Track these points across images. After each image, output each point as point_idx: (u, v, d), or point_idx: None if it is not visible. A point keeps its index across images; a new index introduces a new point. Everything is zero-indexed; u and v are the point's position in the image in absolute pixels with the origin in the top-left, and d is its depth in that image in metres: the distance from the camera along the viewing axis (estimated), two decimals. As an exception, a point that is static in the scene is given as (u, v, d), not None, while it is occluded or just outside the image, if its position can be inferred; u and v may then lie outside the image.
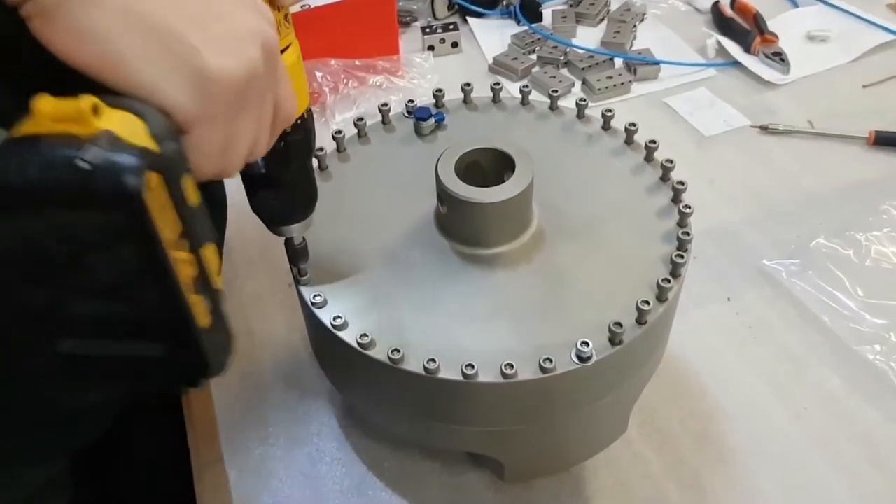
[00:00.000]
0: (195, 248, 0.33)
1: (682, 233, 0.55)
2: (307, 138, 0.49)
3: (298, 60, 0.45)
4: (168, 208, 0.31)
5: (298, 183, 0.51)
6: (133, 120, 0.31)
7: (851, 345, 0.71)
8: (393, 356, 0.49)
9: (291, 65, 0.43)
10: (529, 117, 0.67)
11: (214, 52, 0.34)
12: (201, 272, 0.34)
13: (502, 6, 1.21)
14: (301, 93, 0.45)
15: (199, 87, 0.34)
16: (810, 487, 0.62)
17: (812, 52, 1.09)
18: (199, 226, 0.34)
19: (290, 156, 0.48)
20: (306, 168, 0.51)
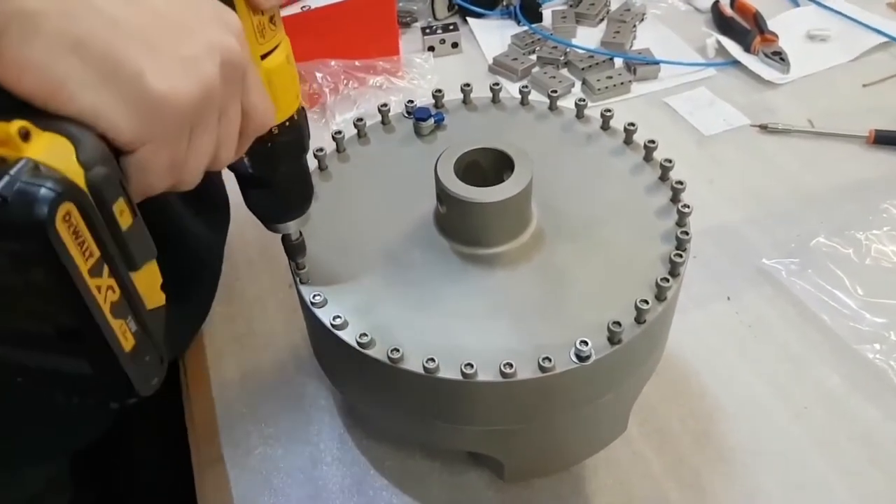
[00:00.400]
0: (119, 272, 0.33)
1: (681, 232, 0.55)
2: (297, 139, 0.48)
3: (286, 62, 0.44)
4: (87, 237, 0.31)
5: (290, 183, 0.50)
6: (63, 144, 0.31)
7: (851, 344, 0.71)
8: (392, 356, 0.49)
9: (276, 68, 0.43)
10: (529, 117, 0.67)
11: (161, 75, 0.33)
12: (125, 296, 0.34)
13: (502, 6, 1.21)
14: (288, 95, 0.45)
15: (143, 111, 0.33)
16: (810, 486, 0.62)
17: (812, 52, 1.09)
18: (129, 249, 0.34)
19: (278, 158, 0.47)
20: (298, 168, 0.50)
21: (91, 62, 0.32)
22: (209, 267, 0.76)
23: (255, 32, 0.41)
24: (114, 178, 0.33)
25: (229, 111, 0.38)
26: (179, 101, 0.34)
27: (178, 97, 0.34)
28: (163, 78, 0.33)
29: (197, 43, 0.35)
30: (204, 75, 0.35)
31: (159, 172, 0.36)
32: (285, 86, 0.44)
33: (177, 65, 0.34)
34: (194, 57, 0.35)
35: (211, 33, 0.36)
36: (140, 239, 0.35)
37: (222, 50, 0.36)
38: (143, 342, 0.36)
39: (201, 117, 0.36)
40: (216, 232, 0.75)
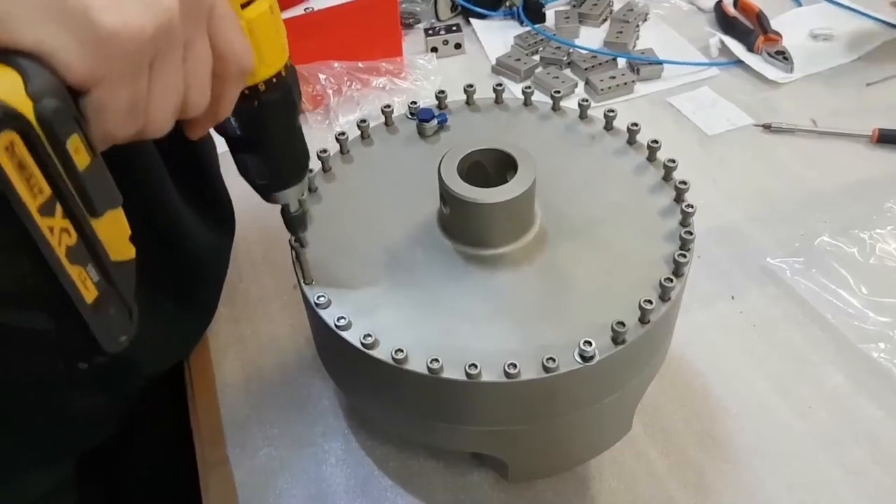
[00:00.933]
0: (75, 215, 0.32)
1: (684, 232, 0.55)
2: (285, 96, 0.45)
3: (268, 12, 0.42)
4: (34, 171, 0.30)
5: (282, 145, 0.48)
6: (10, 76, 0.30)
7: (856, 343, 0.71)
8: (396, 356, 0.49)
9: (258, 17, 0.41)
10: (532, 118, 0.67)
11: (111, 8, 0.32)
12: (84, 241, 0.32)
13: (505, 7, 1.21)
14: (273, 48, 0.43)
15: (93, 46, 0.32)
16: (815, 486, 0.62)
17: (815, 51, 1.09)
18: (87, 192, 0.32)
19: (266, 116, 0.45)
20: (291, 129, 0.48)
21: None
22: (214, 270, 0.76)
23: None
24: (66, 112, 0.31)
25: (195, 48, 0.37)
26: (132, 35, 0.33)
27: (130, 30, 0.32)
28: (113, 11, 0.32)
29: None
30: (160, 8, 0.33)
31: (119, 114, 0.34)
32: (269, 37, 0.42)
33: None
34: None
35: None
36: (101, 183, 0.33)
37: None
38: (107, 293, 0.34)
39: (161, 52, 0.35)
40: (221, 235, 0.76)
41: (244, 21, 0.40)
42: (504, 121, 0.67)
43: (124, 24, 0.32)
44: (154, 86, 0.35)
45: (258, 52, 0.41)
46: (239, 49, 0.39)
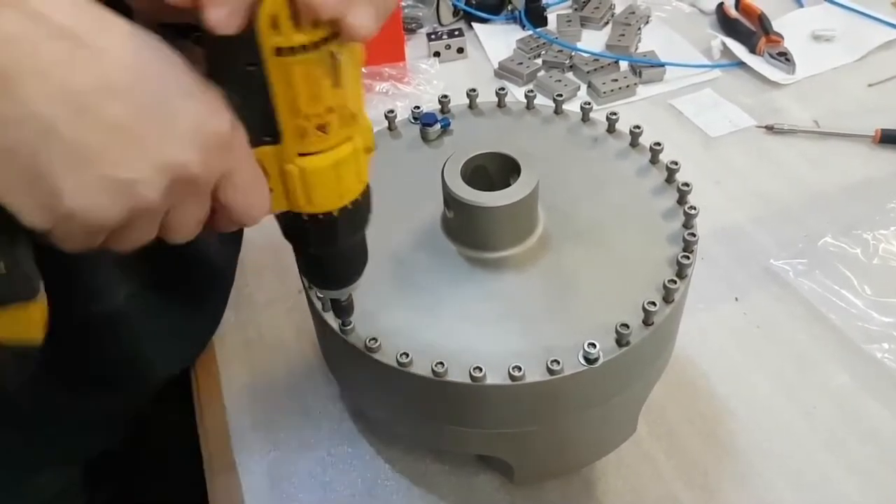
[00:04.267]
0: None
1: (687, 234, 0.55)
2: (333, 231, 0.43)
3: (329, 169, 0.39)
4: None
5: (329, 259, 0.46)
6: None
7: (860, 343, 0.71)
8: (401, 360, 0.49)
9: (313, 170, 0.38)
10: (535, 121, 0.67)
11: (81, 194, 0.32)
12: None
13: (507, 11, 1.22)
14: (324, 195, 0.40)
15: (56, 220, 0.33)
16: (820, 486, 0.62)
17: (817, 52, 1.09)
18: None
19: (307, 240, 0.43)
20: (336, 251, 0.45)
21: (13, 168, 0.31)
22: (222, 278, 0.76)
23: (294, 133, 0.37)
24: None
25: (180, 210, 0.36)
26: (92, 221, 0.33)
27: (91, 218, 0.33)
28: (81, 199, 0.32)
29: (143, 164, 0.33)
30: (137, 198, 0.33)
31: (70, 249, 0.35)
32: (323, 187, 0.40)
33: (105, 187, 0.32)
34: (132, 180, 0.32)
35: (170, 151, 0.33)
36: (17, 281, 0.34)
37: (176, 170, 0.33)
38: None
39: (129, 224, 0.34)
40: (229, 244, 0.76)
41: (296, 168, 0.38)
42: (507, 124, 0.67)
43: (85, 212, 0.32)
44: (117, 237, 0.35)
45: (306, 195, 0.40)
46: (245, 207, 0.38)
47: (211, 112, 0.34)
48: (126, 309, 0.61)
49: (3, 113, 0.30)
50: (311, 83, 0.36)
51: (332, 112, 0.37)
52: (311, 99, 0.36)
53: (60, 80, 0.30)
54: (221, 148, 0.35)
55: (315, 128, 0.37)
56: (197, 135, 0.34)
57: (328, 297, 0.50)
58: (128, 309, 0.61)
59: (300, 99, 0.36)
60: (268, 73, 0.35)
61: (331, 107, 0.37)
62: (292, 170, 0.38)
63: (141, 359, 0.65)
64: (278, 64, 0.34)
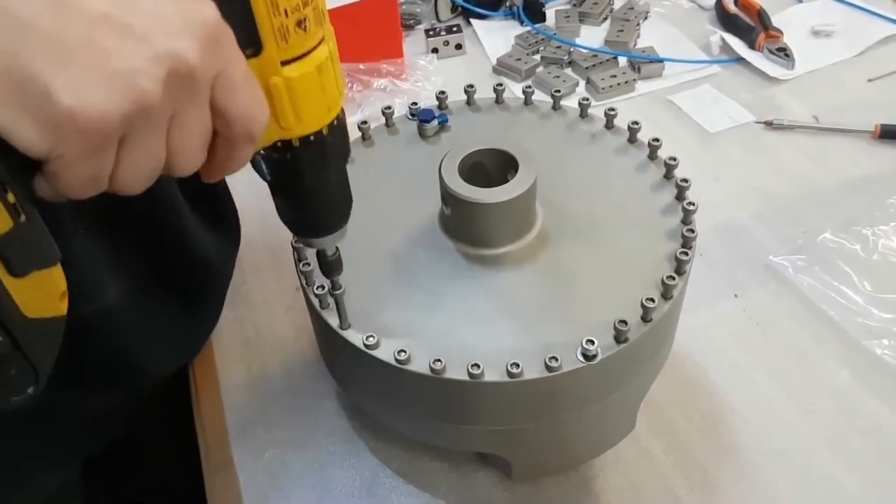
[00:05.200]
0: None
1: (686, 230, 0.55)
2: (320, 156, 0.42)
3: (314, 72, 0.38)
4: None
5: (318, 197, 0.44)
6: None
7: (859, 339, 0.71)
8: (399, 357, 0.49)
9: (299, 77, 0.38)
10: (533, 117, 0.67)
11: (74, 90, 0.30)
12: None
13: (505, 7, 1.21)
14: (314, 108, 0.39)
15: (50, 127, 0.30)
16: (820, 482, 0.62)
17: (817, 47, 1.09)
18: (3, 254, 0.31)
19: (299, 170, 0.42)
20: (327, 183, 0.44)
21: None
22: (220, 278, 0.76)
23: (276, 36, 0.36)
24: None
25: (184, 118, 0.34)
26: (94, 119, 0.31)
27: (92, 114, 0.30)
28: (76, 93, 0.30)
29: (136, 54, 0.31)
30: (136, 90, 0.31)
31: (77, 183, 0.33)
32: (310, 97, 0.39)
33: (101, 79, 0.31)
34: (127, 70, 0.31)
35: (161, 40, 0.32)
36: (27, 245, 0.32)
37: (172, 59, 0.32)
38: (10, 355, 0.33)
39: (132, 130, 0.33)
40: (227, 244, 0.76)
41: (281, 79, 0.37)
42: (505, 121, 0.67)
43: (88, 106, 0.30)
44: (122, 158, 0.34)
45: (294, 111, 0.39)
46: (247, 114, 0.36)
47: (196, 4, 0.33)
48: (120, 308, 0.61)
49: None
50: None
51: (308, 5, 0.37)
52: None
53: None
54: (213, 39, 0.34)
55: (295, 25, 0.36)
56: (187, 23, 0.33)
57: (316, 248, 0.48)
58: (122, 308, 0.61)
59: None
60: None
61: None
62: (278, 83, 0.37)
63: (137, 358, 0.65)
64: None
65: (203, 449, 0.69)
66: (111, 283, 0.60)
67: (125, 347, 0.63)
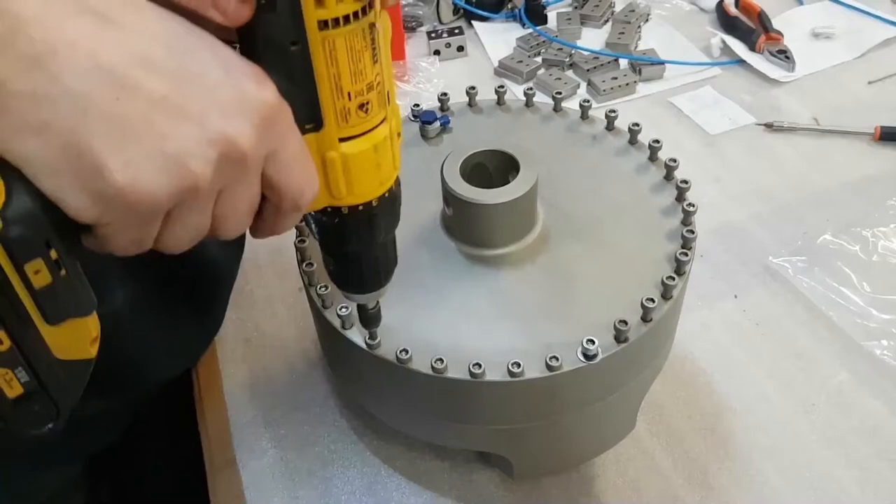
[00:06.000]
0: (12, 327, 0.32)
1: (686, 231, 0.55)
2: (367, 225, 0.42)
3: (371, 151, 0.39)
4: None
5: (363, 260, 0.45)
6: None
7: (859, 340, 0.71)
8: (401, 356, 0.49)
9: (354, 154, 0.38)
10: (534, 119, 0.67)
11: (128, 170, 0.30)
12: (18, 347, 0.32)
13: (507, 9, 1.22)
14: (366, 182, 0.40)
15: (102, 201, 0.31)
16: (819, 483, 0.62)
17: (817, 50, 1.09)
18: (43, 306, 0.32)
19: (346, 235, 0.42)
20: (373, 247, 0.44)
21: (54, 147, 0.30)
22: (225, 282, 0.77)
23: (337, 117, 0.37)
24: (32, 242, 0.31)
25: (231, 194, 0.35)
26: (143, 197, 0.31)
27: (142, 193, 0.31)
28: (129, 173, 0.30)
29: (190, 137, 0.32)
30: (187, 173, 0.32)
31: (122, 247, 0.34)
32: (364, 174, 0.39)
33: (154, 160, 0.31)
34: (180, 153, 0.31)
35: (216, 123, 0.32)
36: (64, 296, 0.33)
37: (225, 143, 0.32)
38: (35, 393, 0.34)
39: (180, 206, 0.33)
40: (232, 248, 0.76)
41: (338, 154, 0.38)
42: (506, 122, 0.67)
43: (139, 186, 0.31)
44: (168, 227, 0.34)
45: (347, 184, 0.39)
46: (296, 189, 0.36)
47: (255, 82, 0.34)
48: (127, 312, 0.61)
49: (37, 90, 0.29)
50: (354, 57, 0.35)
51: (372, 90, 0.37)
52: (354, 75, 0.36)
53: (91, 54, 0.30)
54: (269, 120, 0.34)
55: (357, 108, 0.37)
56: (243, 105, 0.33)
57: (356, 303, 0.48)
58: (128, 312, 0.61)
59: (343, 76, 0.35)
60: (311, 51, 0.34)
61: (371, 83, 0.37)
62: (334, 157, 0.38)
63: (142, 362, 0.65)
64: (322, 39, 0.34)
65: (206, 448, 0.69)
66: (118, 288, 0.61)
67: (131, 352, 0.64)
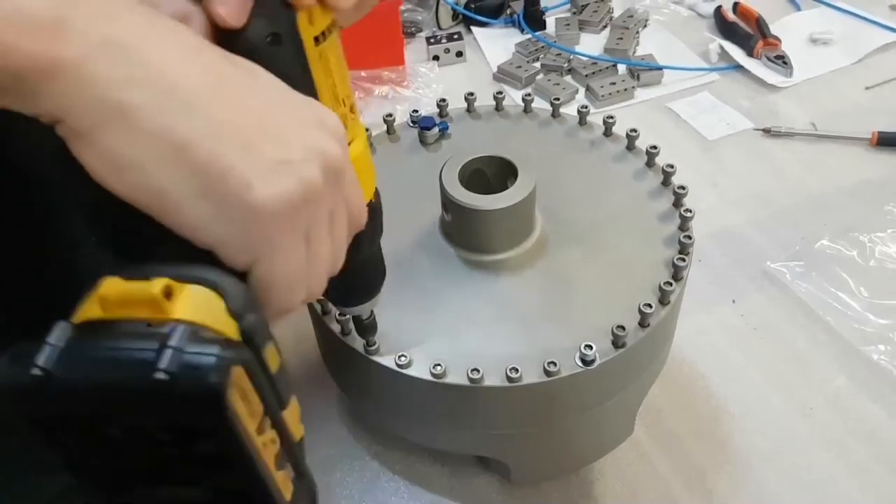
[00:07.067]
0: (278, 422, 0.31)
1: (683, 236, 0.55)
2: (372, 226, 0.43)
3: (366, 149, 0.41)
4: (251, 395, 0.28)
5: (361, 270, 0.46)
6: (210, 298, 0.29)
7: (856, 345, 0.72)
8: (400, 361, 0.50)
9: (357, 157, 0.39)
10: (532, 125, 0.68)
11: (265, 181, 0.30)
12: (284, 445, 0.31)
13: (506, 15, 1.22)
14: (368, 182, 0.42)
15: (250, 221, 0.30)
16: (817, 486, 0.63)
17: (815, 55, 1.10)
18: (279, 391, 0.31)
19: (356, 246, 0.42)
20: (368, 255, 0.46)
21: (194, 170, 0.29)
22: None
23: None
24: (264, 323, 0.30)
25: (336, 214, 0.36)
26: (285, 207, 0.31)
27: (282, 203, 0.31)
28: (265, 185, 0.30)
29: (296, 147, 0.32)
30: (306, 179, 0.32)
31: (285, 287, 0.33)
32: (365, 174, 0.41)
33: (277, 170, 0.31)
34: (293, 161, 0.32)
35: (311, 137, 0.33)
36: (285, 376, 0.32)
37: (323, 154, 0.33)
38: (299, 486, 0.33)
39: (312, 220, 0.33)
40: None
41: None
42: (505, 128, 0.68)
43: (278, 196, 0.31)
44: (311, 252, 0.34)
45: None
46: (360, 207, 0.38)
47: (324, 110, 0.35)
48: None
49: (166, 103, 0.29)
50: (339, 64, 0.38)
51: (351, 94, 0.40)
52: (343, 81, 0.38)
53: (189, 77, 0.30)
54: (343, 140, 0.35)
55: (349, 111, 0.39)
56: (323, 124, 0.34)
57: (352, 315, 0.50)
58: None
59: (338, 84, 0.38)
60: (312, 69, 0.36)
61: (348, 86, 0.39)
62: None
63: None
64: (319, 53, 0.36)
65: (206, 453, 0.69)
66: None
67: None
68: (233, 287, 0.29)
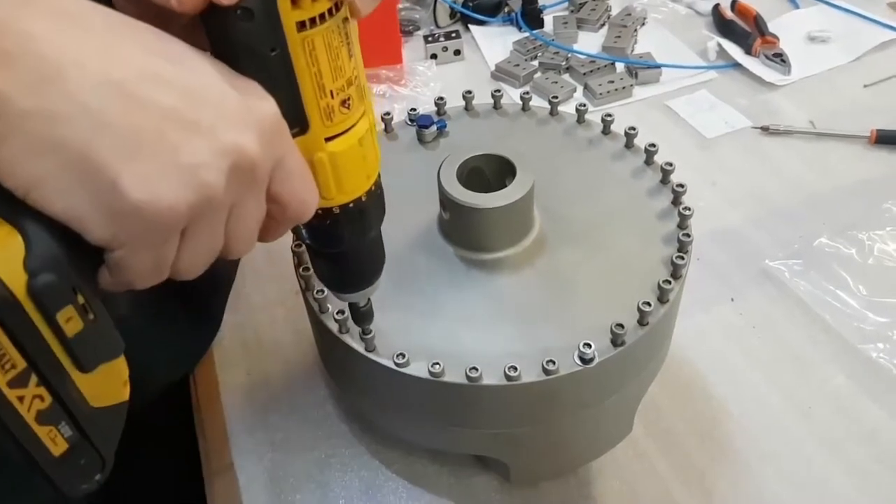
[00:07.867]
0: (51, 379, 0.31)
1: (682, 234, 0.55)
2: (359, 221, 0.43)
3: (356, 145, 0.39)
4: (8, 350, 0.29)
5: (353, 258, 0.46)
6: (14, 244, 0.29)
7: (855, 343, 0.71)
8: (398, 360, 0.49)
9: (342, 152, 0.39)
10: (530, 123, 0.68)
11: (142, 183, 0.30)
12: (58, 402, 0.32)
13: (504, 13, 1.22)
14: (354, 178, 0.41)
15: (117, 218, 0.31)
16: (816, 486, 0.62)
17: (813, 53, 1.10)
18: (76, 354, 0.32)
19: (338, 235, 0.43)
20: (363, 244, 0.45)
21: (66, 165, 0.29)
22: (224, 286, 0.76)
23: (322, 116, 0.37)
24: (60, 287, 0.30)
25: (242, 208, 0.35)
26: (160, 211, 0.31)
27: (159, 207, 0.31)
28: (144, 186, 0.30)
29: (202, 148, 0.32)
30: (201, 183, 0.32)
31: (140, 273, 0.34)
32: (351, 169, 0.40)
33: (168, 172, 0.31)
34: (194, 164, 0.31)
35: (225, 134, 0.32)
36: (95, 341, 0.33)
37: (235, 153, 0.33)
38: (79, 446, 0.33)
39: (196, 220, 0.33)
40: None
41: (326, 154, 0.38)
42: (503, 126, 0.68)
43: (154, 199, 0.31)
44: (184, 246, 0.34)
45: (337, 183, 0.40)
46: (300, 200, 0.37)
47: (257, 96, 0.34)
48: (130, 317, 0.61)
49: (52, 108, 0.29)
50: (333, 55, 0.36)
51: (352, 85, 0.38)
52: (335, 72, 0.37)
53: (101, 70, 0.30)
54: (273, 132, 0.34)
55: (340, 104, 0.38)
56: (249, 117, 0.33)
57: (348, 302, 0.49)
58: (132, 317, 0.61)
59: (325, 74, 0.36)
60: (292, 54, 0.35)
61: (349, 79, 0.37)
62: (322, 158, 0.38)
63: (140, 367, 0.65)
64: (301, 40, 0.35)
65: (203, 452, 0.69)
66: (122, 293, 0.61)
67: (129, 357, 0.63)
68: (43, 243, 0.30)
